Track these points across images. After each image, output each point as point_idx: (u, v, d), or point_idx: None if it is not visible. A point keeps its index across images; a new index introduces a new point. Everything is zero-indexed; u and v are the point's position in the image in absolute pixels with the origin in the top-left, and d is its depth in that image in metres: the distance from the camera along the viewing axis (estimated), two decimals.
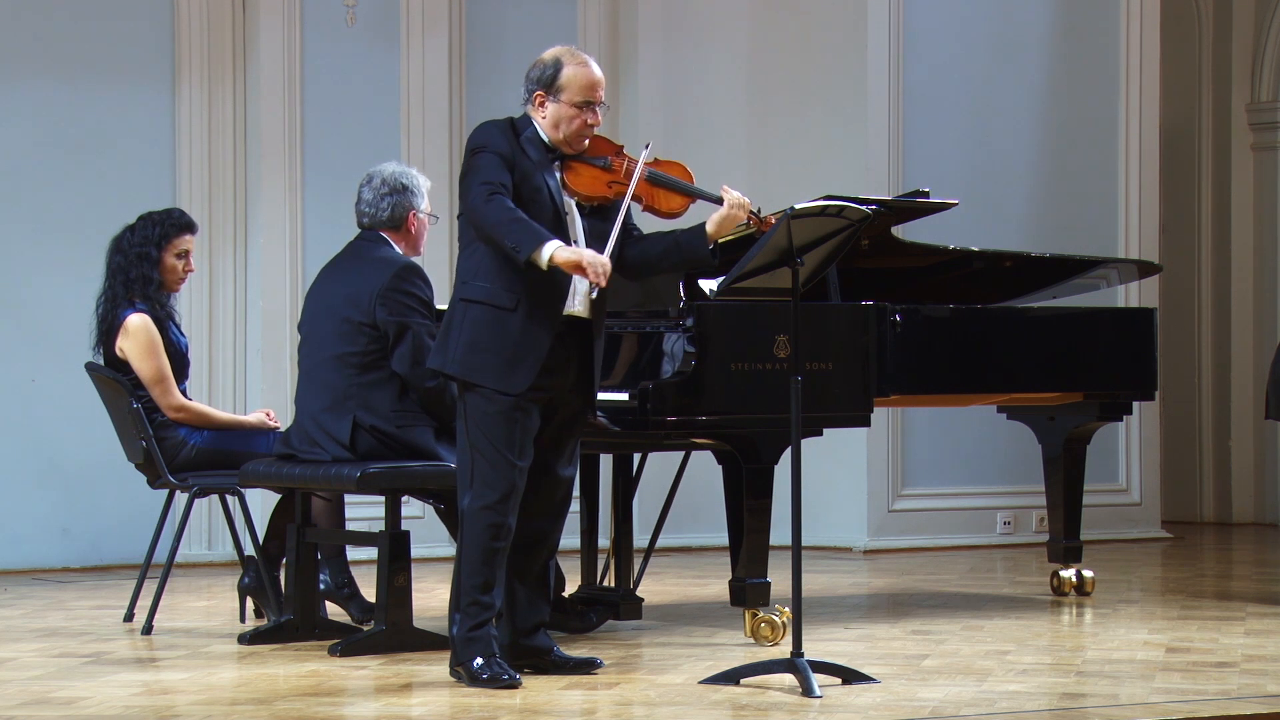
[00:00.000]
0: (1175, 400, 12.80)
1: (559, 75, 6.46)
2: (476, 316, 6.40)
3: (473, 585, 6.37)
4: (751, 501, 7.27)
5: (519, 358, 6.36)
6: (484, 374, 6.37)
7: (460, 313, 6.43)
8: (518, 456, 6.38)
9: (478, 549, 6.36)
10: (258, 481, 7.50)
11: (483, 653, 6.33)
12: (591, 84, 6.47)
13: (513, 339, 6.36)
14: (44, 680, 6.55)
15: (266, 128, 10.48)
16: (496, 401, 6.36)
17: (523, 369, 6.36)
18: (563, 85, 6.45)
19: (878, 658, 6.95)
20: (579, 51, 6.54)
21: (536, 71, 6.51)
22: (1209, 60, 13.04)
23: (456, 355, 6.41)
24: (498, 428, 6.36)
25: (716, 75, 11.45)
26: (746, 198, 6.60)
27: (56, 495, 10.24)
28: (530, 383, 6.36)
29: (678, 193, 6.61)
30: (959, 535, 11.27)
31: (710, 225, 6.56)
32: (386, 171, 7.55)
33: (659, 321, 7.38)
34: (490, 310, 6.38)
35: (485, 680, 6.27)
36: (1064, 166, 11.67)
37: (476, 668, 6.30)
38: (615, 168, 6.57)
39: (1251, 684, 6.38)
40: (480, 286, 6.40)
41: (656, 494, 8.30)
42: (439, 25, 10.77)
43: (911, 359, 7.82)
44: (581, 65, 6.48)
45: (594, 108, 6.48)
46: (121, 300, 7.86)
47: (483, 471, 6.36)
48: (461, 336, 6.41)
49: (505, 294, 6.37)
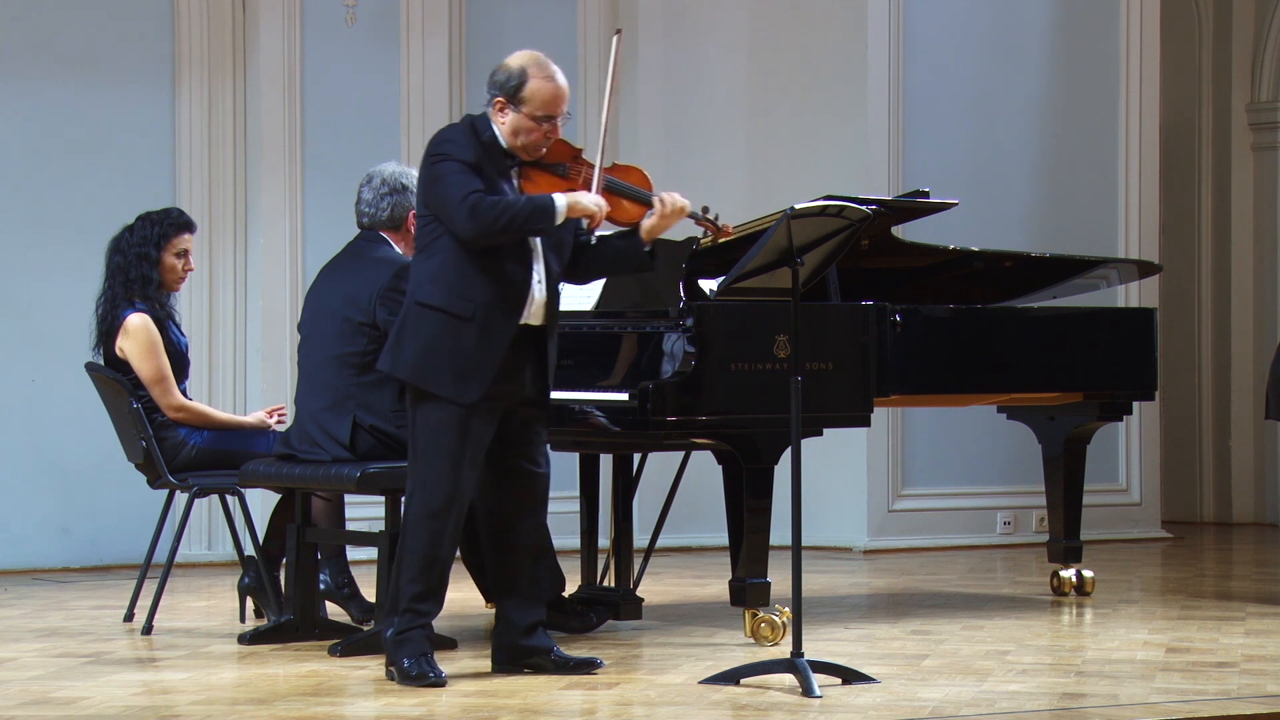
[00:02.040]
0: (1175, 400, 12.80)
1: (523, 87, 6.38)
2: (432, 322, 6.36)
3: (412, 594, 6.40)
4: (751, 501, 7.27)
5: (473, 368, 6.33)
6: (437, 382, 6.34)
7: (415, 317, 6.39)
8: (466, 466, 6.37)
9: (418, 557, 6.38)
10: (258, 481, 7.50)
11: (412, 653, 6.37)
12: (555, 99, 6.40)
13: (468, 349, 6.33)
14: (44, 680, 6.55)
15: (266, 128, 10.48)
16: (448, 410, 6.34)
17: (476, 379, 6.33)
18: (525, 98, 6.38)
19: (878, 658, 6.95)
20: (546, 62, 6.45)
21: (501, 76, 6.43)
22: (1209, 60, 13.03)
23: (408, 359, 6.38)
24: (447, 437, 6.34)
25: (716, 75, 11.44)
26: (686, 200, 6.58)
27: (56, 495, 10.23)
28: (483, 393, 6.34)
29: (633, 200, 6.61)
30: (959, 535, 11.27)
31: (643, 231, 6.57)
32: (386, 171, 7.55)
33: (659, 321, 7.38)
34: (447, 318, 6.34)
35: (415, 678, 6.32)
36: (1064, 166, 11.67)
37: (407, 666, 6.35)
38: (573, 175, 6.53)
39: (1251, 684, 6.39)
40: (438, 293, 6.36)
41: (656, 494, 8.30)
42: (439, 25, 10.76)
43: (911, 359, 7.82)
44: (547, 79, 6.40)
45: (555, 120, 6.43)
46: (121, 300, 7.86)
47: (428, 480, 6.36)
48: (415, 341, 6.37)
49: (463, 303, 6.33)
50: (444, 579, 6.47)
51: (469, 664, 6.79)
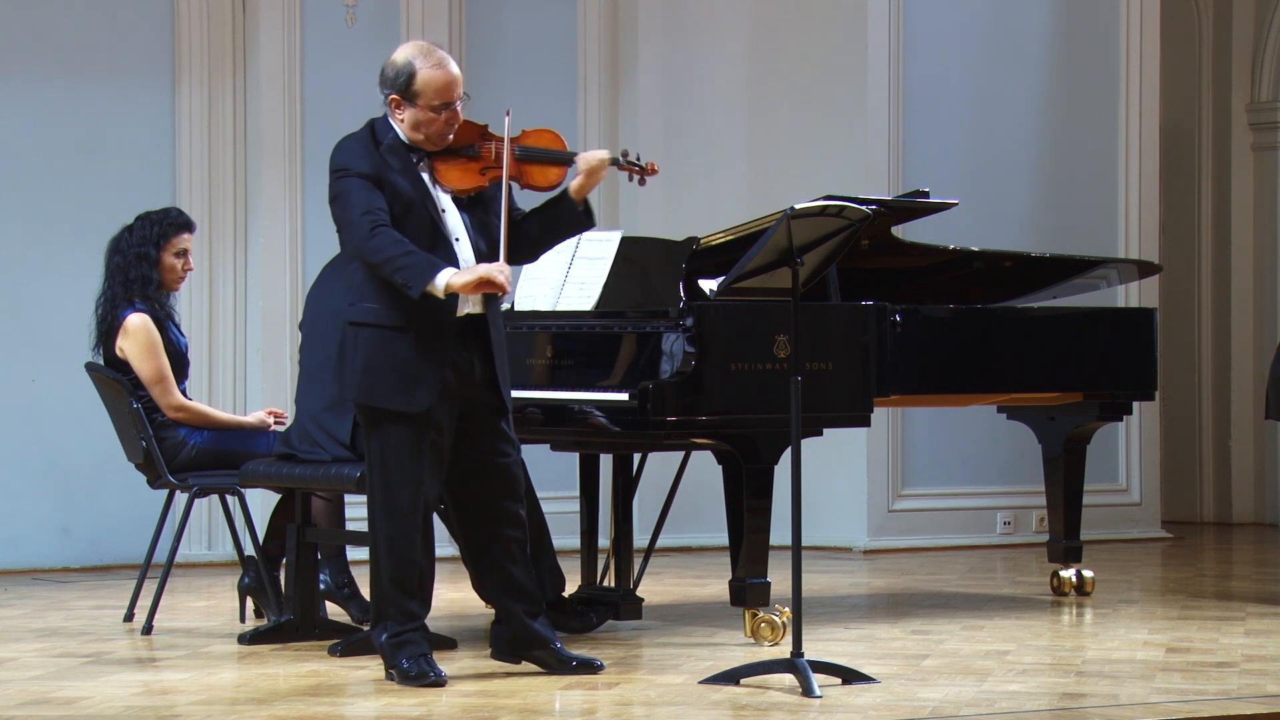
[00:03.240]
0: (1175, 400, 12.80)
1: (413, 79, 6.31)
2: (368, 339, 6.30)
3: (397, 601, 6.39)
4: (751, 501, 7.27)
5: (418, 375, 6.27)
6: (385, 396, 6.28)
7: (351, 336, 6.34)
8: (427, 475, 6.34)
9: (393, 570, 6.38)
10: (258, 481, 7.50)
11: (410, 654, 6.36)
12: (448, 85, 6.32)
13: (409, 358, 6.27)
14: (44, 680, 6.55)
15: (266, 128, 10.47)
16: (402, 425, 6.28)
17: (424, 386, 6.28)
18: (418, 90, 6.31)
19: (878, 658, 6.95)
20: (433, 49, 6.38)
21: (390, 73, 6.36)
22: (1209, 60, 13.03)
23: (354, 380, 6.33)
24: (405, 452, 6.30)
25: (716, 75, 11.44)
26: (603, 152, 6.50)
27: (56, 495, 10.23)
28: (433, 400, 6.28)
29: (551, 164, 6.52)
30: (959, 535, 11.27)
31: (573, 191, 6.47)
32: None
33: (659, 321, 7.38)
34: (381, 332, 6.28)
35: (415, 678, 6.31)
36: (1064, 166, 11.67)
37: (407, 666, 6.34)
38: (484, 154, 6.42)
39: (1251, 684, 6.39)
40: (368, 308, 6.31)
41: (656, 494, 8.29)
42: (439, 25, 10.76)
43: (911, 359, 7.82)
44: (435, 67, 6.32)
45: (453, 106, 6.34)
46: (121, 300, 7.86)
47: (390, 497, 6.33)
48: (356, 361, 6.32)
49: (394, 313, 6.26)
50: (425, 581, 6.46)
51: (469, 664, 6.79)
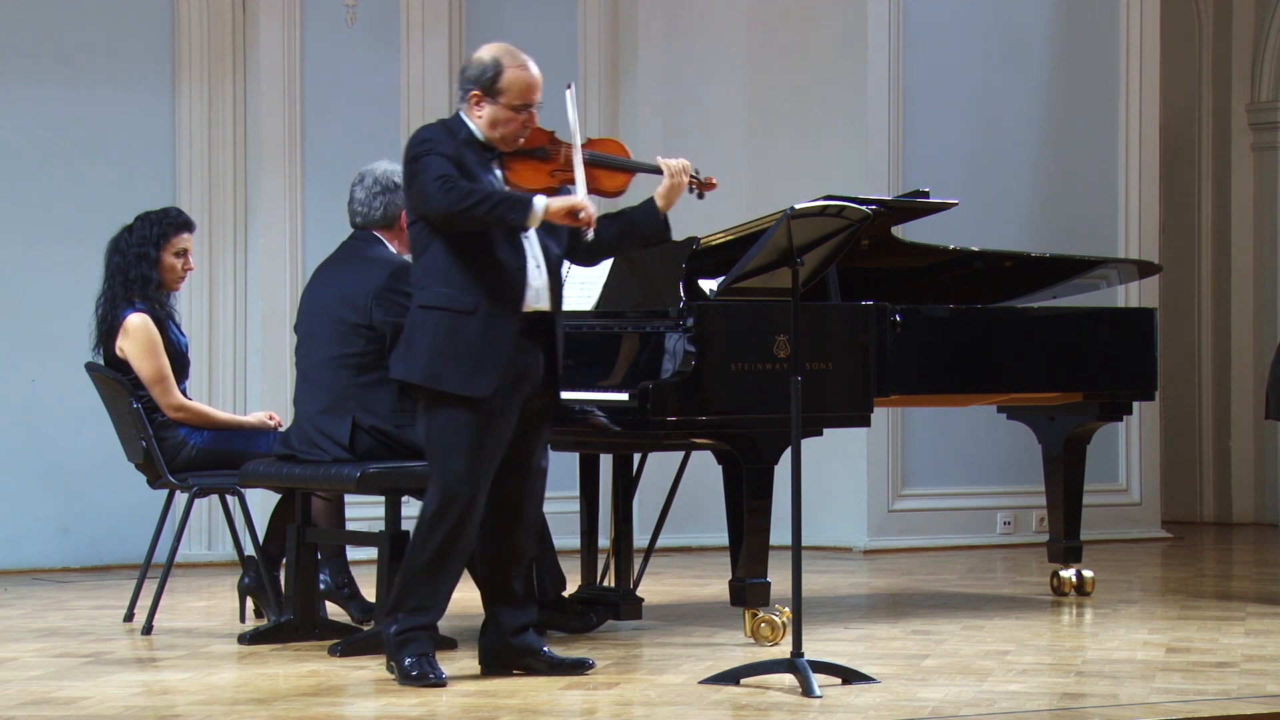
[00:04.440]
0: (1175, 400, 12.80)
1: (500, 77, 6.40)
2: (437, 322, 6.34)
3: (421, 594, 6.37)
4: (751, 501, 7.27)
5: (483, 361, 6.32)
6: (450, 380, 6.31)
7: (420, 320, 6.38)
8: (484, 469, 6.35)
9: (427, 558, 6.35)
10: (258, 481, 7.50)
11: (415, 652, 6.36)
12: (531, 86, 6.41)
13: (475, 342, 6.31)
14: (44, 680, 6.55)
15: (266, 128, 10.48)
16: (464, 411, 6.31)
17: (488, 371, 6.32)
18: (503, 88, 6.39)
19: (878, 658, 6.95)
20: (518, 51, 6.47)
21: (475, 71, 6.44)
22: (1209, 60, 13.03)
23: (419, 363, 6.35)
24: (465, 437, 6.32)
25: (716, 75, 11.44)
26: (684, 160, 6.60)
27: (56, 495, 10.23)
28: (496, 385, 6.32)
29: (618, 170, 6.58)
30: (959, 535, 11.27)
31: (659, 200, 6.56)
32: (378, 170, 7.55)
33: (659, 321, 7.38)
34: (450, 315, 6.33)
35: (415, 678, 6.31)
36: (1064, 166, 11.67)
37: (408, 665, 6.33)
38: (554, 156, 6.49)
39: (1251, 684, 6.39)
40: (438, 292, 6.35)
41: (656, 494, 8.29)
42: (439, 25, 10.76)
43: (911, 359, 7.82)
44: (521, 68, 6.41)
45: (532, 108, 6.43)
46: (121, 300, 7.86)
47: (444, 482, 6.33)
48: (423, 344, 6.35)
49: (464, 298, 6.32)
50: (452, 583, 6.44)
51: (469, 664, 6.78)
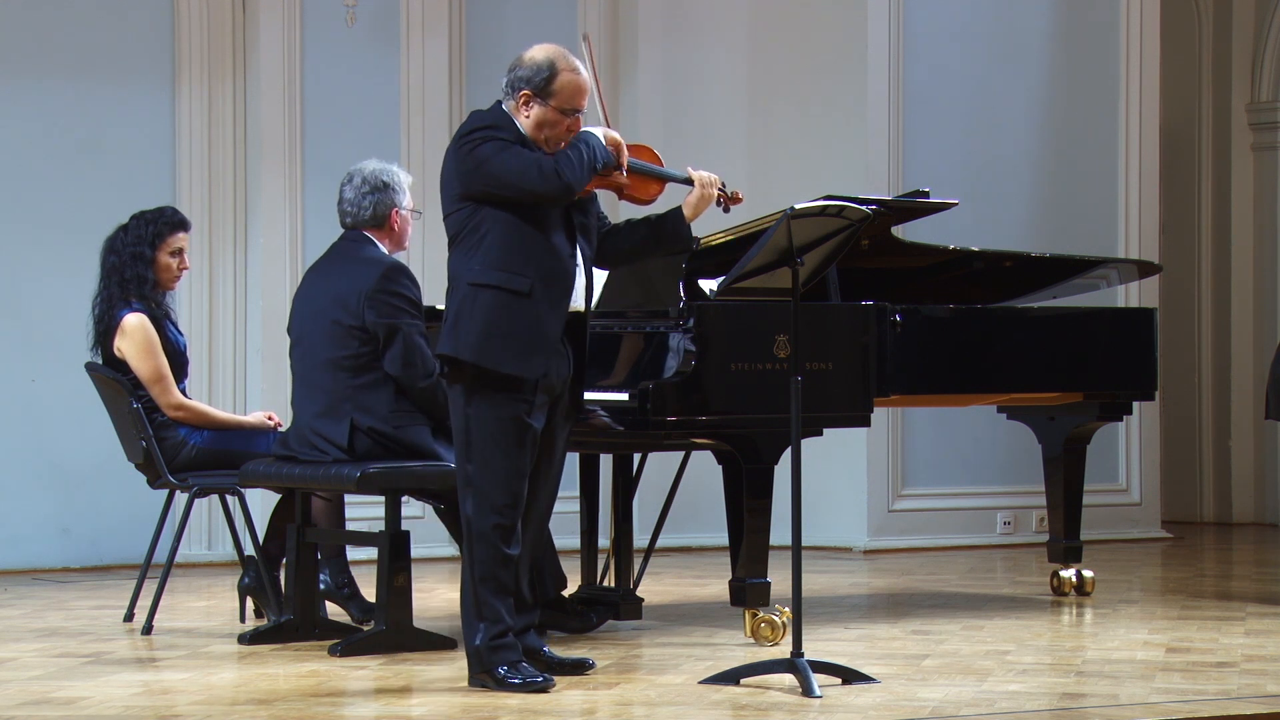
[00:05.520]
0: (1175, 400, 12.80)
1: (554, 79, 6.37)
2: (490, 301, 6.29)
3: (494, 595, 6.28)
4: (751, 501, 7.27)
5: (535, 344, 6.30)
6: (502, 358, 6.26)
7: (471, 298, 6.31)
8: (525, 463, 6.33)
9: (493, 559, 6.28)
10: (258, 481, 7.50)
11: (509, 660, 6.28)
12: (580, 92, 6.41)
13: (529, 324, 6.29)
14: (44, 680, 6.55)
15: (266, 128, 10.48)
16: (506, 404, 6.27)
17: (539, 353, 6.31)
18: (555, 90, 6.37)
19: (878, 658, 6.95)
20: (570, 55, 6.45)
21: (527, 71, 6.40)
22: (1209, 60, 13.04)
23: (470, 341, 6.27)
24: (508, 435, 6.28)
25: (716, 75, 11.45)
26: (715, 174, 6.65)
27: (56, 495, 10.24)
28: (545, 370, 6.32)
29: (654, 178, 6.62)
30: (959, 535, 11.27)
31: (687, 209, 6.60)
32: (367, 170, 7.54)
33: (659, 321, 7.38)
34: (505, 295, 6.29)
35: (517, 686, 6.20)
36: (1064, 166, 11.67)
37: (504, 673, 6.24)
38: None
39: (1251, 684, 6.39)
40: (492, 272, 6.30)
41: (656, 494, 8.30)
42: (439, 25, 10.76)
43: (911, 359, 7.82)
44: (574, 72, 6.40)
45: (579, 114, 6.44)
46: (118, 300, 7.85)
47: (490, 481, 6.28)
48: (474, 322, 6.28)
49: (519, 279, 6.30)
50: (520, 578, 6.40)
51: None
